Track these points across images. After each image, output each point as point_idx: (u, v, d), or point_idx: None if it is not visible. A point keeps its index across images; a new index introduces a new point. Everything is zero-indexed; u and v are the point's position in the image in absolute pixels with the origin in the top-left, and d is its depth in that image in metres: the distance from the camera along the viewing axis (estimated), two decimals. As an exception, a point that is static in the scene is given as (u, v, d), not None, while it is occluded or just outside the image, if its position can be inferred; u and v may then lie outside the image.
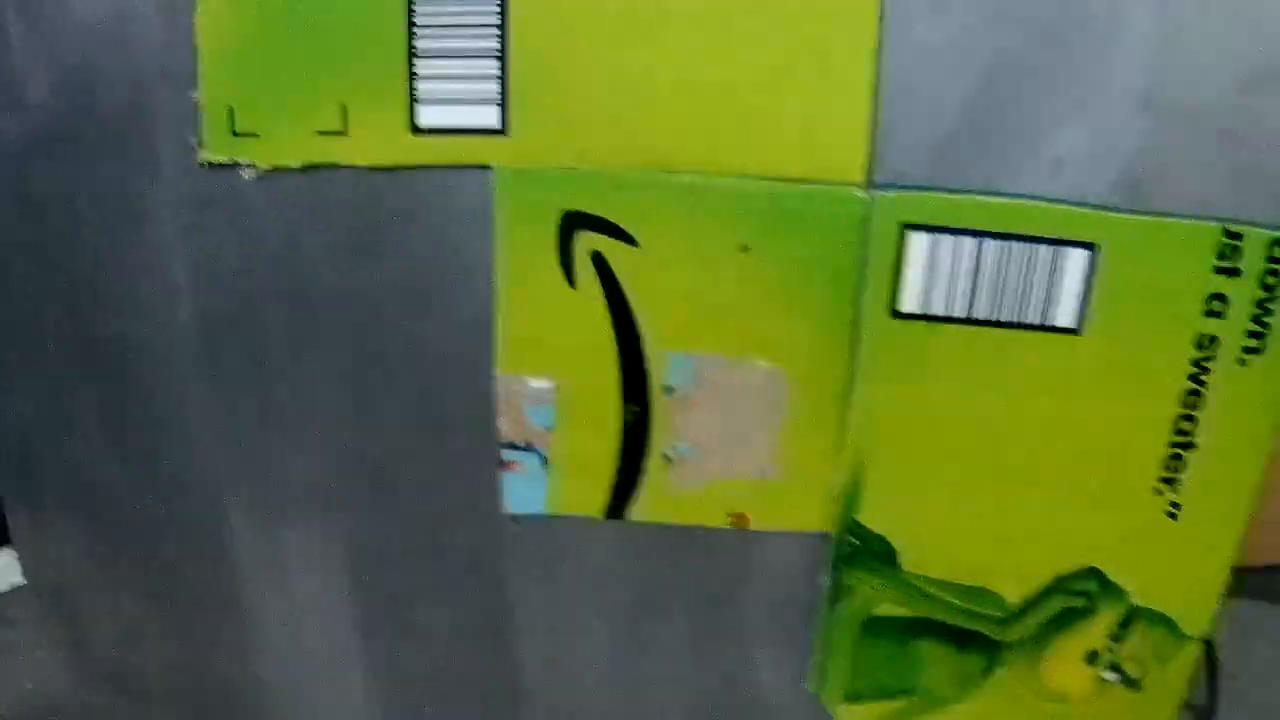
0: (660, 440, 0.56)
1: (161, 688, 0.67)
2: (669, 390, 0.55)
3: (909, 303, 0.52)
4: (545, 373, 0.55)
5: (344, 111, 0.52)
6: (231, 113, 0.53)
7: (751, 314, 0.53)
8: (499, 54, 0.50)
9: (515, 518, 0.58)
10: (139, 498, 0.62)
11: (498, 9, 0.50)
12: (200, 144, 0.53)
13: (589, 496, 0.57)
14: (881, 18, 0.48)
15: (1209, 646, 0.66)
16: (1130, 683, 0.60)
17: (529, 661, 0.63)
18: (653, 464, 0.56)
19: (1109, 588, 0.58)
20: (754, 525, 0.57)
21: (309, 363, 0.57)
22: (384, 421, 0.57)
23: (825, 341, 0.53)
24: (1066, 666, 0.60)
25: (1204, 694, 0.72)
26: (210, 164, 0.53)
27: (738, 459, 0.56)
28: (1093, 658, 0.60)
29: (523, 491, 0.58)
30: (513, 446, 0.57)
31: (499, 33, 0.50)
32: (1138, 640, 0.59)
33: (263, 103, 0.52)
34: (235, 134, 0.53)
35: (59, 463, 0.62)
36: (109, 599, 0.65)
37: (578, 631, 0.61)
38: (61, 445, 0.62)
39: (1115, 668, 0.60)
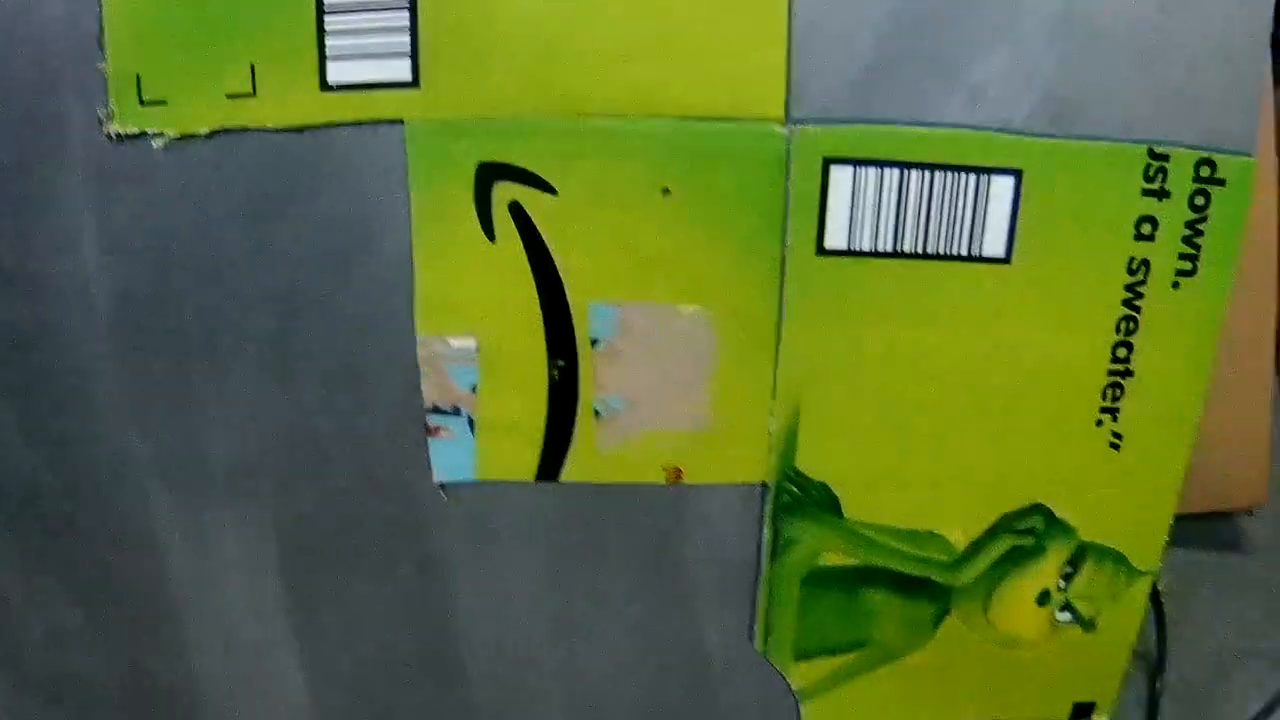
0: (589, 395, 0.54)
1: (96, 691, 0.65)
2: (595, 343, 0.54)
3: (835, 239, 0.51)
4: (467, 331, 0.54)
5: (253, 73, 0.51)
6: (139, 81, 0.51)
7: (675, 259, 0.52)
8: (409, 4, 0.49)
9: (444, 486, 0.57)
10: (58, 492, 0.59)
11: (405, -41, 0.49)
12: (109, 116, 0.52)
13: (519, 459, 0.56)
14: (792, -49, 0.48)
15: (1156, 595, 0.66)
16: (1084, 623, 0.59)
17: (468, 633, 0.61)
18: (583, 420, 0.55)
19: (1056, 524, 0.56)
20: (690, 479, 0.56)
21: (227, 337, 0.55)
22: (307, 394, 0.56)
23: (752, 284, 0.52)
24: (1019, 609, 0.58)
25: (1153, 643, 0.71)
26: (119, 136, 0.52)
27: (669, 410, 0.55)
28: (1044, 598, 0.58)
29: (451, 458, 0.56)
30: (439, 411, 0.55)
31: (408, -18, 0.49)
32: (1089, 578, 0.58)
33: (171, 69, 0.51)
34: (144, 103, 0.52)
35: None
36: (34, 602, 0.63)
37: (516, 599, 0.60)
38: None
39: (1068, 608, 0.58)
